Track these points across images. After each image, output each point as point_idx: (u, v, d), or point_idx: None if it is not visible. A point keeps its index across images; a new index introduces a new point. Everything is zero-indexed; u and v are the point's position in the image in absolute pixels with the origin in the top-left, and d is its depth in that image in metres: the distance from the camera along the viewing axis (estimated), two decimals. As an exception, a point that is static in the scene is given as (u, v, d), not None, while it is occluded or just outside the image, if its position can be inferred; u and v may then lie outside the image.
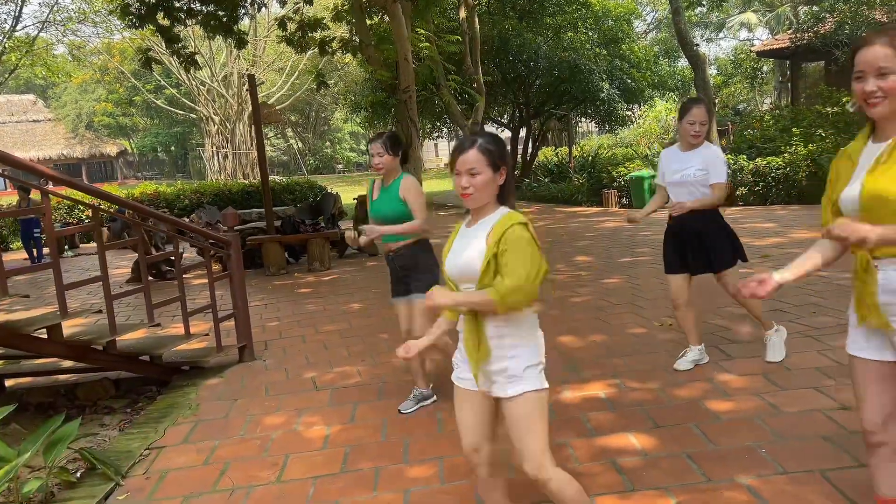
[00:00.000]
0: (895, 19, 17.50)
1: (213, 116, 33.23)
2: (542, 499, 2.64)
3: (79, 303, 8.43)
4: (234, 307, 5.26)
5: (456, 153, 2.23)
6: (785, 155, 12.58)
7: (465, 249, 2.21)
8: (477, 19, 16.34)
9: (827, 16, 19.31)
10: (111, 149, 38.12)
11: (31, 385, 5.27)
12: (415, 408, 4.04)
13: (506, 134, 22.99)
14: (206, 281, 9.10)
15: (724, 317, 5.30)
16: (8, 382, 5.14)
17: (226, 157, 33.35)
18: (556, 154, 23.07)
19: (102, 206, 4.75)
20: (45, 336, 4.13)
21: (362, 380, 4.69)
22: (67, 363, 4.98)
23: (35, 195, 12.56)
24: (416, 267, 3.89)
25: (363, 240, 3.82)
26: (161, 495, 3.25)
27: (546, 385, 2.22)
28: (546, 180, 19.74)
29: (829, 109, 13.92)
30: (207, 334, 5.57)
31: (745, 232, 9.30)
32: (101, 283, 4.35)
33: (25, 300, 7.47)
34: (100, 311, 4.60)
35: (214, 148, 33.95)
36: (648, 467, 3.01)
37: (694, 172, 4.04)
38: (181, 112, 36.75)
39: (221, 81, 32.37)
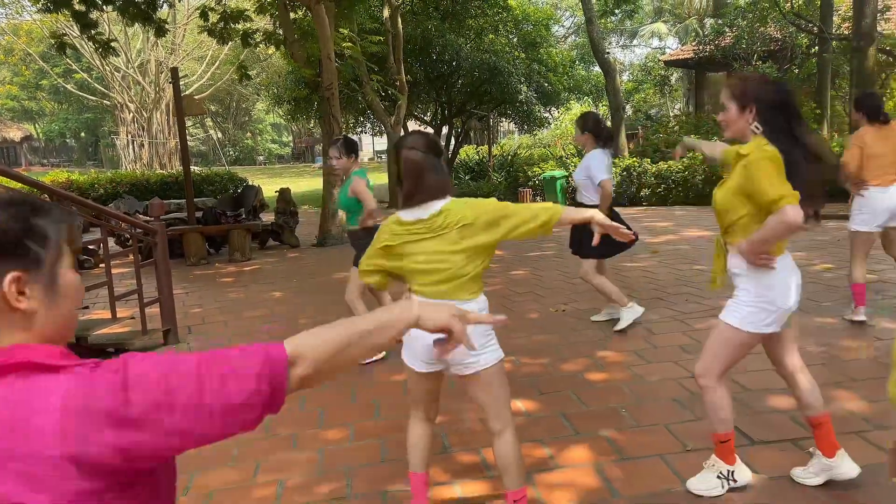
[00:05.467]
0: (787, 35, 19.02)
1: (129, 104, 32.24)
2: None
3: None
4: (160, 292, 5.51)
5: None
6: (684, 159, 13.58)
7: None
8: (400, 19, 16.71)
9: (727, 30, 20.78)
10: (15, 133, 36.41)
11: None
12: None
13: (428, 131, 23.43)
14: (124, 271, 9.17)
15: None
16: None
17: (142, 146, 32.45)
18: (478, 153, 23.74)
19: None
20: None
21: (283, 360, 5.04)
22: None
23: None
24: (357, 246, 4.62)
25: None
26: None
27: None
28: (466, 178, 20.41)
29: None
30: (132, 318, 5.78)
31: (644, 230, 10.13)
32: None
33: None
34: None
35: (130, 136, 32.95)
36: (530, 425, 3.55)
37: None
38: (93, 98, 35.42)
39: (137, 68, 31.45)
